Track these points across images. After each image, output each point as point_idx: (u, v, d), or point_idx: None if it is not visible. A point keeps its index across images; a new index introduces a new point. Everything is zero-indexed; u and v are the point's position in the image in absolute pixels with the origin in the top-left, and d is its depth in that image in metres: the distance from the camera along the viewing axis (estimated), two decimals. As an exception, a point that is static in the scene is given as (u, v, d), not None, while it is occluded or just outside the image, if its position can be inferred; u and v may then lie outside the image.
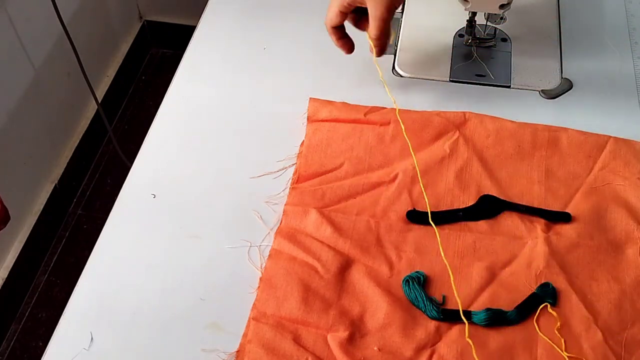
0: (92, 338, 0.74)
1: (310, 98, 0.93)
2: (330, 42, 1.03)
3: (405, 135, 0.86)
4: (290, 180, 0.85)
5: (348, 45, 0.92)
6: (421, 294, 0.74)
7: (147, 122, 0.94)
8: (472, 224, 0.80)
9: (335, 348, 0.71)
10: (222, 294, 0.76)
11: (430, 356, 0.71)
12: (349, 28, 0.93)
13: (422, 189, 0.82)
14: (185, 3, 2.04)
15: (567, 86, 0.95)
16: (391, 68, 0.99)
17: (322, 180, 0.85)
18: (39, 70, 1.64)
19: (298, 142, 0.90)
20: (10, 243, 1.66)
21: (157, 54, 2.22)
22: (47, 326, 1.65)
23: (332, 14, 0.89)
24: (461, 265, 0.77)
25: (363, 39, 0.91)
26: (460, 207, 0.82)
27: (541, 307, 0.73)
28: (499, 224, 0.80)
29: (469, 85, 0.97)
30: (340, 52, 1.02)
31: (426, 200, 0.81)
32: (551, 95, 0.95)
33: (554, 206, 0.81)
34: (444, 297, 0.75)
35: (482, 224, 0.80)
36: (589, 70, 0.97)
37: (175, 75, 1.00)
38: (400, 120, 0.87)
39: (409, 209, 0.82)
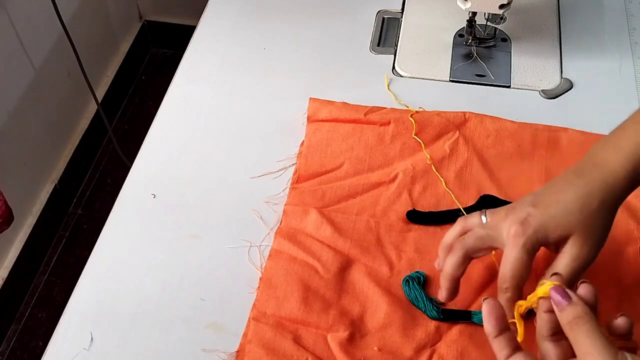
0: (92, 338, 0.73)
1: (310, 98, 0.93)
2: (329, 42, 1.03)
3: (419, 140, 0.86)
4: (290, 180, 0.85)
5: (454, 295, 0.72)
6: (421, 294, 0.74)
7: (147, 122, 0.94)
8: (472, 224, 0.80)
9: (335, 348, 0.71)
10: (222, 294, 0.76)
11: (430, 356, 0.71)
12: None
13: (445, 186, 0.82)
14: (185, 3, 2.04)
15: (567, 86, 0.95)
16: (391, 68, 0.99)
17: (322, 180, 0.85)
18: (39, 70, 1.64)
19: (298, 142, 0.90)
20: (10, 243, 1.66)
21: (157, 54, 2.22)
22: (47, 326, 1.65)
23: (453, 264, 0.69)
24: (461, 265, 0.77)
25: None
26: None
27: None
28: (499, 224, 0.80)
29: (469, 85, 0.97)
30: (340, 52, 1.02)
31: (453, 197, 0.81)
32: (551, 95, 0.95)
33: (554, 206, 0.81)
34: (444, 297, 0.75)
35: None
36: (589, 70, 0.97)
37: (175, 75, 1.00)
38: (413, 121, 0.87)
39: (409, 209, 0.82)
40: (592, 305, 0.52)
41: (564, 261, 0.64)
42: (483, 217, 0.68)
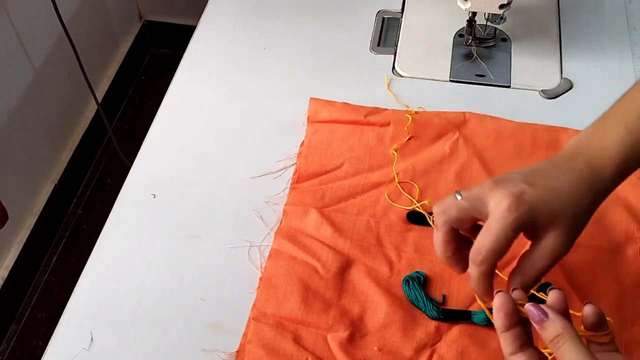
0: (92, 338, 0.74)
1: (310, 98, 0.93)
2: (329, 42, 1.04)
3: (394, 153, 0.86)
4: (290, 180, 0.85)
5: (463, 264, 0.65)
6: (421, 294, 0.74)
7: (147, 122, 0.94)
8: (472, 224, 0.80)
9: (335, 348, 0.71)
10: (222, 294, 0.76)
11: (430, 356, 0.71)
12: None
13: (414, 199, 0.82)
14: (185, 3, 2.04)
15: (567, 86, 0.95)
16: (391, 68, 0.99)
17: (322, 180, 0.85)
18: (39, 70, 1.64)
19: (298, 142, 0.90)
20: (10, 243, 1.66)
21: (157, 54, 2.22)
22: (47, 326, 1.65)
23: (439, 243, 0.64)
24: (461, 265, 0.77)
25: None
26: (460, 207, 0.82)
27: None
28: (499, 224, 0.80)
29: (469, 85, 0.97)
30: (340, 52, 1.02)
31: (418, 201, 0.81)
32: (551, 95, 0.95)
33: (554, 206, 0.81)
34: (444, 297, 0.75)
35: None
36: (589, 70, 0.97)
37: (175, 75, 1.00)
38: (409, 117, 0.87)
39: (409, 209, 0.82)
40: (564, 309, 0.52)
41: (543, 252, 0.60)
42: (457, 196, 0.62)
